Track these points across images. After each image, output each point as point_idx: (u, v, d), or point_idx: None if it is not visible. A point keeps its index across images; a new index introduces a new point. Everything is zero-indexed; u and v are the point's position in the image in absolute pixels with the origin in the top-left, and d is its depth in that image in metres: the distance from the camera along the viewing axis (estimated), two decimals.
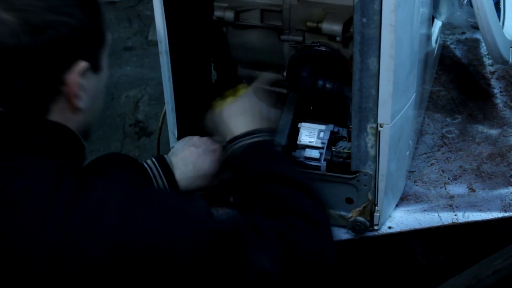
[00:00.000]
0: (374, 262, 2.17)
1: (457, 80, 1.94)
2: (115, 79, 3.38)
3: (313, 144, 1.43)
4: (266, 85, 1.43)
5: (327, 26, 1.44)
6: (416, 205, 1.54)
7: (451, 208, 1.52)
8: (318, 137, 1.44)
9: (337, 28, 1.43)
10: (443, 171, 1.63)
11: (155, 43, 3.36)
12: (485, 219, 1.49)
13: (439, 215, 1.50)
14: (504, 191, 1.55)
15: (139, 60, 3.60)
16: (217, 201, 1.50)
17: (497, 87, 1.90)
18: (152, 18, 1.41)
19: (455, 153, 1.68)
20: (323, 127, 1.46)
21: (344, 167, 1.39)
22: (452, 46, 2.09)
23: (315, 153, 1.42)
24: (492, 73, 1.95)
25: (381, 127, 1.30)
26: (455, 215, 1.50)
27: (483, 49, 2.05)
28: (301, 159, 1.42)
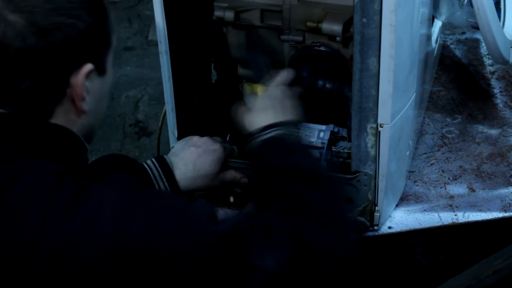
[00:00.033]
0: (374, 262, 2.17)
1: (457, 80, 1.94)
2: (115, 79, 3.38)
3: (313, 144, 1.43)
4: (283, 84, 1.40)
5: (327, 26, 1.44)
6: (416, 205, 1.53)
7: (451, 208, 1.52)
8: (318, 137, 1.44)
9: (337, 28, 1.43)
10: (443, 171, 1.63)
11: (155, 43, 3.37)
12: (485, 219, 1.49)
13: (439, 215, 1.50)
14: (504, 191, 1.55)
15: (139, 60, 3.60)
16: (217, 201, 1.50)
17: (497, 87, 1.90)
18: (152, 18, 1.41)
19: (455, 153, 1.68)
20: (323, 127, 1.46)
21: (344, 167, 1.39)
22: (452, 46, 2.09)
23: (315, 153, 1.42)
24: (492, 73, 1.95)
25: (381, 127, 1.30)
26: (455, 215, 1.50)
27: (483, 49, 2.05)
28: None
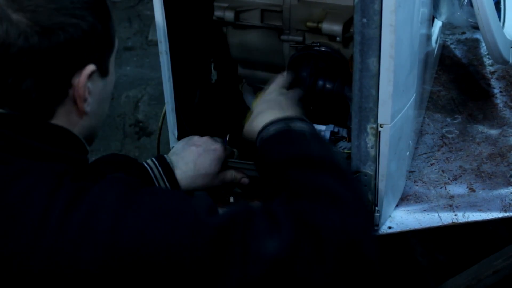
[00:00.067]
0: None
1: (457, 80, 1.94)
2: (115, 79, 3.39)
3: None
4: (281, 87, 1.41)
5: (327, 26, 1.44)
6: (416, 205, 1.53)
7: (451, 208, 1.51)
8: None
9: (337, 28, 1.43)
10: (443, 171, 1.63)
11: (155, 43, 3.37)
12: (485, 219, 1.49)
13: (439, 215, 1.50)
14: (504, 191, 1.55)
15: (139, 60, 3.60)
16: (217, 201, 1.50)
17: (497, 87, 1.90)
18: (152, 18, 1.41)
19: (455, 153, 1.68)
20: (323, 127, 1.46)
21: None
22: (452, 46, 2.09)
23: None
24: (492, 73, 1.95)
25: (381, 127, 1.30)
26: (455, 215, 1.50)
27: (483, 49, 2.05)
28: None
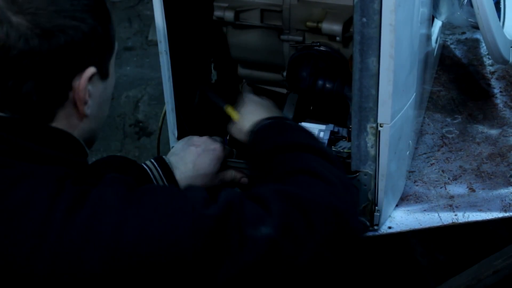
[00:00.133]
0: (374, 262, 2.17)
1: (457, 80, 1.94)
2: (115, 79, 3.39)
3: None
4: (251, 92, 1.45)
5: (327, 26, 1.44)
6: (416, 205, 1.53)
7: (451, 208, 1.51)
8: (318, 137, 1.44)
9: (337, 28, 1.43)
10: (443, 171, 1.63)
11: (155, 43, 3.36)
12: (485, 219, 1.49)
13: (439, 215, 1.50)
14: (504, 191, 1.55)
15: (139, 60, 3.60)
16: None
17: (497, 87, 1.90)
18: (152, 18, 1.41)
19: (455, 153, 1.68)
20: (323, 127, 1.46)
21: (344, 167, 1.39)
22: (452, 46, 2.09)
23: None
24: (492, 73, 1.95)
25: (381, 127, 1.30)
26: (455, 215, 1.50)
27: (483, 49, 2.05)
28: None
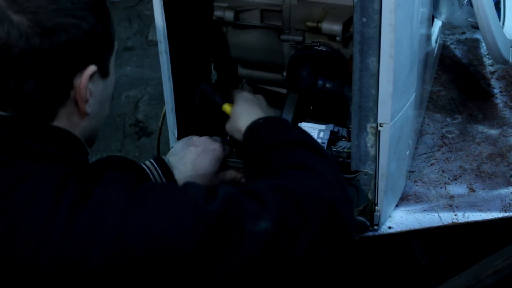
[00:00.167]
0: (374, 262, 2.17)
1: (457, 80, 1.94)
2: (115, 79, 3.39)
3: None
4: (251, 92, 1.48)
5: (327, 26, 1.44)
6: (416, 205, 1.53)
7: (451, 208, 1.51)
8: (318, 137, 1.44)
9: (337, 28, 1.43)
10: (443, 171, 1.63)
11: (155, 43, 3.37)
12: (485, 219, 1.49)
13: (439, 215, 1.50)
14: (504, 191, 1.55)
15: (139, 60, 3.60)
16: None
17: (497, 87, 1.90)
18: (152, 18, 1.41)
19: (455, 153, 1.68)
20: (323, 127, 1.46)
21: (344, 167, 1.39)
22: (452, 46, 2.09)
23: None
24: (492, 73, 1.95)
25: (381, 126, 1.30)
26: (455, 215, 1.50)
27: (483, 49, 2.05)
28: None
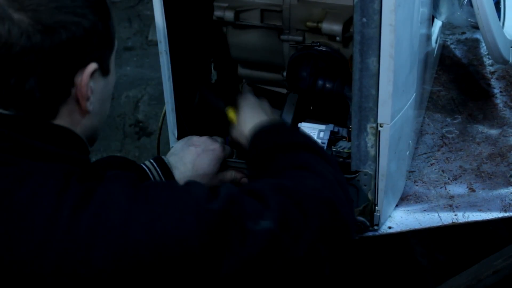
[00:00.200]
0: (374, 262, 2.17)
1: (457, 80, 1.94)
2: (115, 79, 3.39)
3: None
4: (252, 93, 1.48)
5: (327, 26, 1.44)
6: (416, 205, 1.53)
7: (451, 208, 1.51)
8: (318, 137, 1.44)
9: (337, 28, 1.43)
10: (443, 171, 1.63)
11: (155, 43, 3.37)
12: (485, 219, 1.49)
13: (439, 215, 1.50)
14: (504, 191, 1.55)
15: (139, 60, 3.60)
16: None
17: (497, 87, 1.90)
18: (152, 18, 1.41)
19: (455, 153, 1.68)
20: (323, 127, 1.46)
21: (344, 167, 1.39)
22: (452, 46, 2.09)
23: None
24: (492, 73, 1.95)
25: (381, 127, 1.30)
26: (455, 215, 1.50)
27: (483, 49, 2.05)
28: None
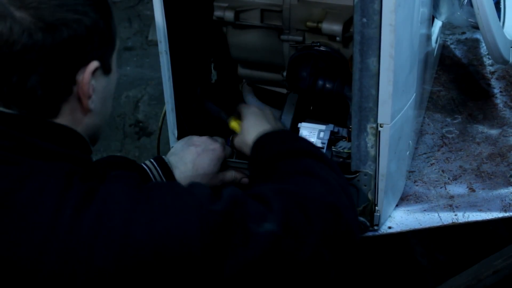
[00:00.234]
0: (374, 262, 2.17)
1: (457, 80, 1.94)
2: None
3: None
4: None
5: (327, 26, 1.44)
6: (416, 205, 1.53)
7: (451, 208, 1.51)
8: (318, 137, 1.44)
9: (337, 28, 1.43)
10: (443, 171, 1.63)
11: (155, 43, 3.37)
12: (485, 219, 1.49)
13: (439, 215, 1.50)
14: (504, 191, 1.55)
15: (139, 60, 3.60)
16: None
17: (497, 87, 1.90)
18: (152, 18, 1.41)
19: (455, 153, 1.68)
20: (323, 127, 1.46)
21: (344, 167, 1.39)
22: (452, 46, 2.09)
23: None
24: (492, 73, 1.95)
25: (381, 127, 1.30)
26: (455, 215, 1.50)
27: (483, 49, 2.05)
28: None
